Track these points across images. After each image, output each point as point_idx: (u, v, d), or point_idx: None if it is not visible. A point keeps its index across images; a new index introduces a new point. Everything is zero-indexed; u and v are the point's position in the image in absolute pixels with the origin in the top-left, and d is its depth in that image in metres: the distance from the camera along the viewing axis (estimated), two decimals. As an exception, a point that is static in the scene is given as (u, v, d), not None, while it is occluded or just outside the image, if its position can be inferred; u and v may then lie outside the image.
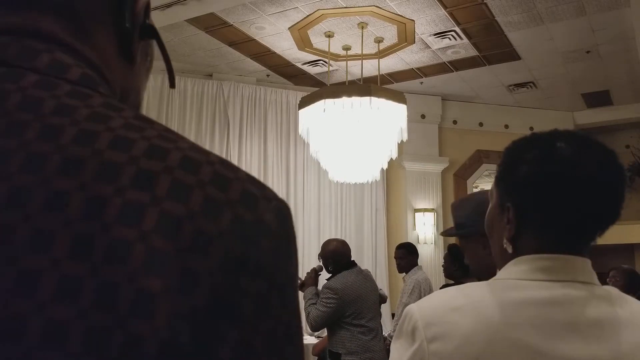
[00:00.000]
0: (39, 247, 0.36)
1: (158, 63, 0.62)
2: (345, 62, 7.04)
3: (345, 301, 3.69)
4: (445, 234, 1.98)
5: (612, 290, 0.94)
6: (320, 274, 3.98)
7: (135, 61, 0.55)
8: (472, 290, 0.92)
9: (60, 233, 0.37)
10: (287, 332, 0.43)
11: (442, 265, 4.75)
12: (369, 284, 3.94)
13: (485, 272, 1.81)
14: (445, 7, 5.97)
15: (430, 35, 6.63)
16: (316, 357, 5.16)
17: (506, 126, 8.83)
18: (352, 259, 3.98)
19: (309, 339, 6.38)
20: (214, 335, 0.38)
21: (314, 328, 3.87)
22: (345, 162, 6.17)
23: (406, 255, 5.04)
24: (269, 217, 0.43)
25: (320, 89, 6.62)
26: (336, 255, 3.87)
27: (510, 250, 0.95)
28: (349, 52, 6.94)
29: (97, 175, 0.38)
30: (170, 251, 0.38)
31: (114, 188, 0.38)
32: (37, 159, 0.38)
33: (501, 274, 0.95)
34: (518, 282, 0.90)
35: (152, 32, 0.56)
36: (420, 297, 4.21)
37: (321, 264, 3.99)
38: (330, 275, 3.93)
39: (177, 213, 0.39)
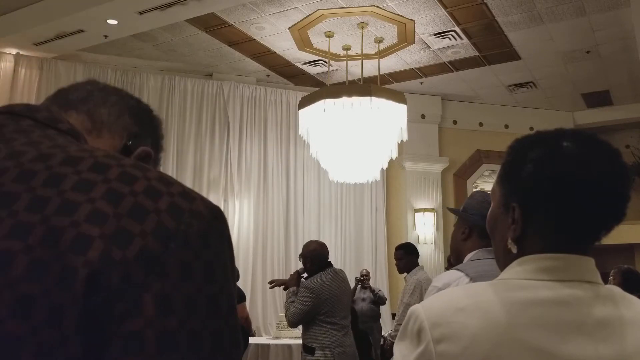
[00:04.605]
0: (6, 203, 0.51)
1: (157, 63, 0.63)
2: (345, 62, 7.03)
3: (320, 300, 3.99)
4: (450, 210, 2.61)
5: (615, 289, 0.94)
6: (302, 277, 4.28)
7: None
8: (477, 291, 0.91)
9: (23, 195, 0.51)
10: (212, 305, 0.53)
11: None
12: (342, 285, 4.24)
13: (454, 253, 2.26)
14: (445, 7, 5.97)
15: (430, 35, 6.62)
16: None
17: (506, 126, 8.83)
18: (329, 260, 4.28)
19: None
20: (141, 282, 0.49)
21: (292, 324, 4.18)
22: (345, 162, 6.16)
23: (404, 256, 5.03)
24: (201, 206, 0.56)
25: (320, 89, 6.61)
26: (314, 256, 4.19)
27: (514, 250, 0.94)
28: (349, 52, 6.93)
29: (46, 180, 0.53)
30: (110, 212, 0.51)
31: (72, 172, 0.54)
32: (16, 154, 0.56)
33: (505, 274, 0.94)
34: (523, 282, 0.89)
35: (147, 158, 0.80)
36: (421, 297, 4.22)
37: (301, 262, 4.32)
38: (308, 275, 4.24)
39: (121, 190, 0.53)
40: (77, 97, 0.79)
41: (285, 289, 4.31)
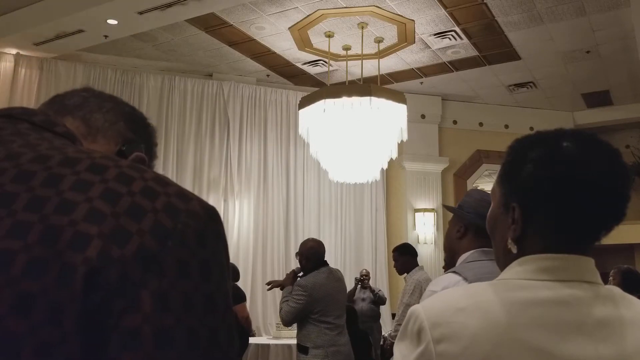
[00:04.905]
0: (5, 203, 0.51)
1: (157, 63, 0.64)
2: (345, 62, 7.03)
3: (314, 298, 3.99)
4: (446, 207, 2.46)
5: (614, 289, 0.94)
6: (299, 276, 4.27)
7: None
8: (478, 291, 0.91)
9: (22, 194, 0.52)
10: (209, 303, 0.53)
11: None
12: (337, 284, 4.22)
13: (448, 251, 2.22)
14: (445, 7, 5.97)
15: (430, 35, 6.62)
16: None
17: (506, 126, 8.83)
18: (324, 259, 4.27)
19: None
20: (139, 280, 0.50)
21: (285, 322, 4.18)
22: (345, 162, 6.16)
23: (399, 257, 5.04)
24: (197, 206, 0.57)
25: (320, 89, 6.61)
26: (311, 254, 4.18)
27: (515, 250, 0.94)
28: (349, 52, 6.93)
29: (45, 181, 0.54)
30: (108, 211, 0.52)
31: (70, 172, 0.55)
32: (14, 155, 0.57)
33: (505, 274, 0.94)
34: (524, 282, 0.89)
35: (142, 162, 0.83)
36: (421, 297, 4.22)
37: (298, 259, 4.32)
38: (304, 273, 4.24)
39: (119, 190, 0.54)
40: (73, 103, 0.82)
41: (282, 289, 4.32)
